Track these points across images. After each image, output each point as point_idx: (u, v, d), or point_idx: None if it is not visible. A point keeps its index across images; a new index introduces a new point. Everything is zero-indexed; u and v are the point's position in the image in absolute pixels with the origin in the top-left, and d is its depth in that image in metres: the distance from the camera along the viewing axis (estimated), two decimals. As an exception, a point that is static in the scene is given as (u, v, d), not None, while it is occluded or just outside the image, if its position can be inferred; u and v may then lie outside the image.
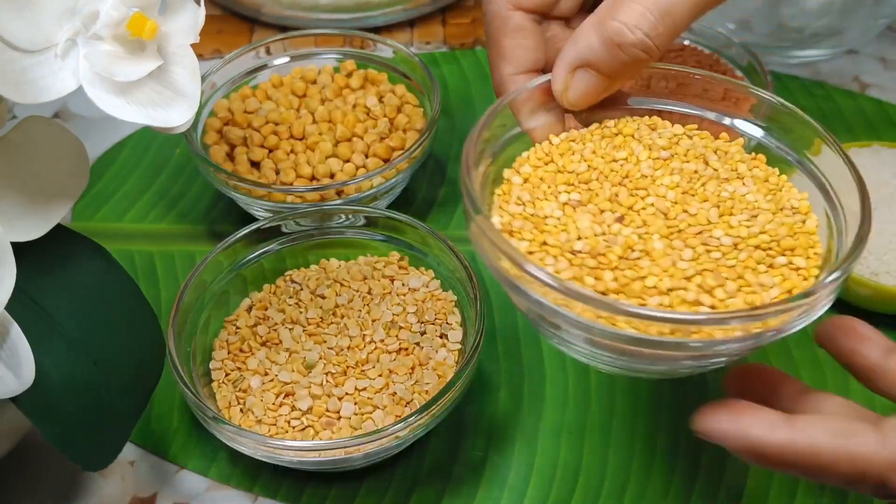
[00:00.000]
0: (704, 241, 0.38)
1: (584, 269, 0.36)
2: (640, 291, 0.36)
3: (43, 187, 0.39)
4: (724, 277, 0.37)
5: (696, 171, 0.41)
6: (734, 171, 0.42)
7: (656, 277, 0.36)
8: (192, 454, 0.49)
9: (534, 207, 0.39)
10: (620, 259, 0.37)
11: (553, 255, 0.37)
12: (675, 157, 0.42)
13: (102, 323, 0.41)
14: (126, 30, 0.37)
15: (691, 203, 0.39)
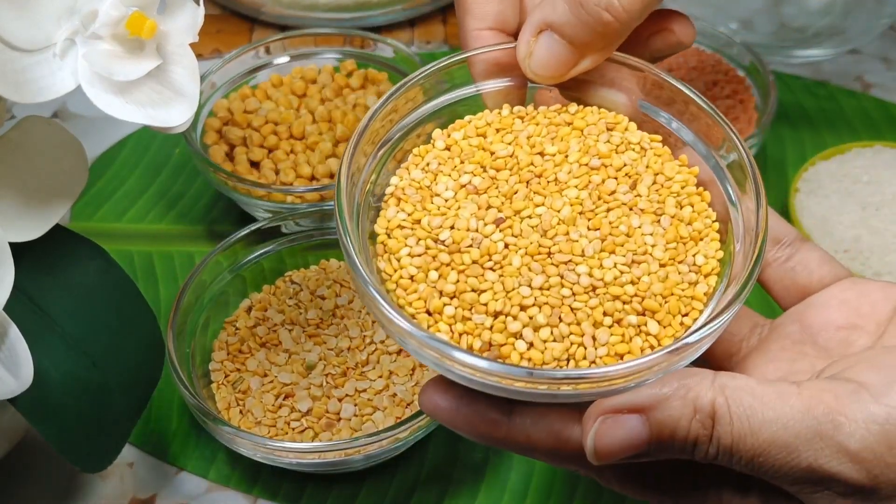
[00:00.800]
0: (563, 273, 0.34)
1: (434, 262, 0.35)
2: (471, 302, 0.34)
3: (42, 187, 0.39)
4: (556, 319, 0.34)
5: (612, 192, 0.36)
6: (658, 204, 0.37)
7: (492, 294, 0.34)
8: (191, 455, 0.49)
9: (433, 180, 0.37)
10: (473, 264, 0.35)
11: (418, 236, 0.35)
12: (604, 169, 0.37)
13: (101, 324, 0.41)
14: (125, 29, 0.36)
15: (578, 227, 0.35)
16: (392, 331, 0.34)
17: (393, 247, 0.35)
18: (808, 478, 0.31)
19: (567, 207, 0.36)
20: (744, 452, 0.32)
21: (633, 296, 0.35)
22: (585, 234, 0.36)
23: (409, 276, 0.35)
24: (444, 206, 0.36)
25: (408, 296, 0.35)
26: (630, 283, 0.35)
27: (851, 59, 0.70)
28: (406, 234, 0.36)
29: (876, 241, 0.52)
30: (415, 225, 0.36)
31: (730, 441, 0.32)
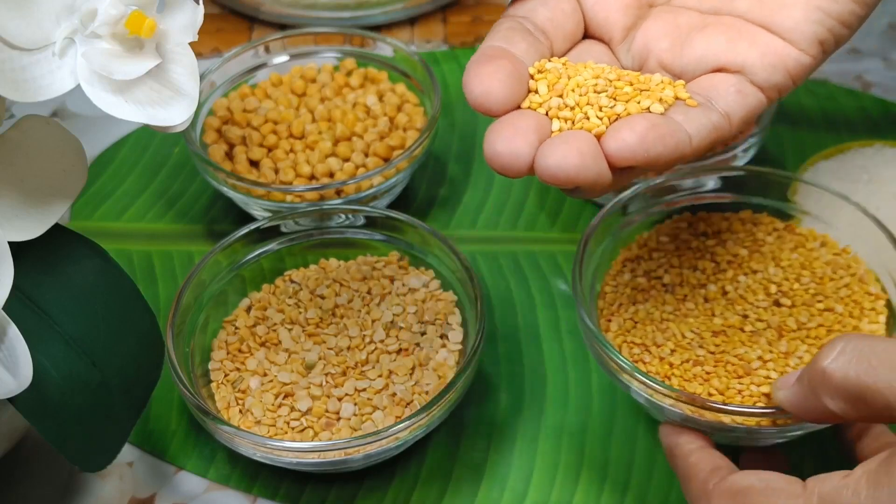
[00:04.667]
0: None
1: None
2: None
3: (41, 186, 0.39)
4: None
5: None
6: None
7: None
8: (190, 455, 0.49)
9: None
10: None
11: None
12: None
13: (101, 323, 0.41)
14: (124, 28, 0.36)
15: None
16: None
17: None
18: None
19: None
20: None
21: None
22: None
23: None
24: None
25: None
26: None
27: (852, 59, 0.69)
28: None
29: (876, 241, 0.52)
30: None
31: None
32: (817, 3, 0.40)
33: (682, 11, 0.42)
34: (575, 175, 0.35)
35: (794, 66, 0.40)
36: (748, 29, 0.40)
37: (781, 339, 0.46)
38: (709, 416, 0.42)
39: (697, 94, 0.39)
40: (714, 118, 0.38)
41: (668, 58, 0.41)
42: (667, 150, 0.36)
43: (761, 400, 0.44)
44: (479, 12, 0.72)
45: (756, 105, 0.40)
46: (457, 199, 0.60)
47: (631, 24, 0.42)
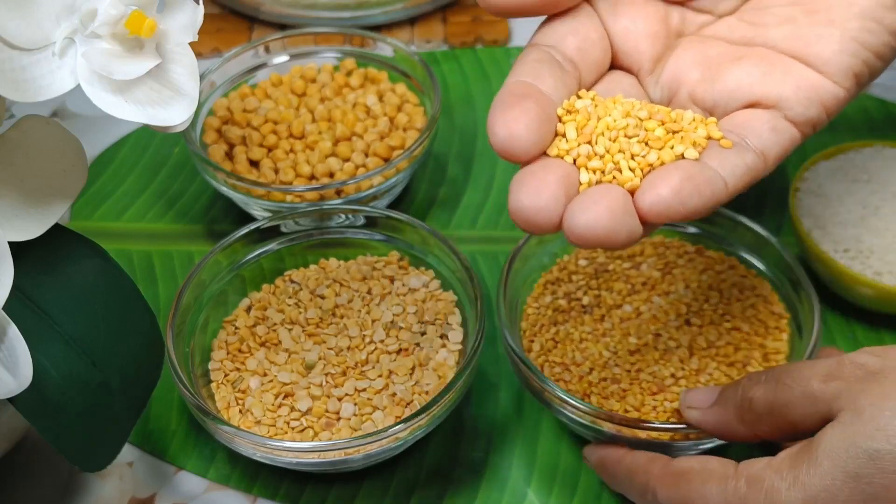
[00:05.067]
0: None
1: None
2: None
3: (41, 186, 0.39)
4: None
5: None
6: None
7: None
8: (190, 455, 0.49)
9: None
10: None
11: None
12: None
13: (101, 323, 0.41)
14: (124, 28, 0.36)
15: None
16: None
17: None
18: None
19: None
20: None
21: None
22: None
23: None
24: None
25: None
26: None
27: (851, 59, 0.69)
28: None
29: (876, 241, 0.52)
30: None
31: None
32: (853, 34, 0.38)
33: (712, 42, 0.40)
34: (605, 237, 0.33)
35: (829, 100, 0.38)
36: (782, 61, 0.39)
37: (692, 357, 0.48)
38: (626, 433, 0.44)
39: (731, 132, 0.37)
40: (749, 159, 0.37)
41: (699, 90, 0.39)
42: (703, 201, 0.35)
43: (674, 416, 0.46)
44: (479, 12, 0.72)
45: (790, 142, 0.38)
46: (457, 199, 0.60)
47: (659, 54, 0.40)
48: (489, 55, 0.68)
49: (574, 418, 0.45)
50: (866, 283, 0.50)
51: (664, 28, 0.40)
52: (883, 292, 0.50)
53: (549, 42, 0.39)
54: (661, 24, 0.40)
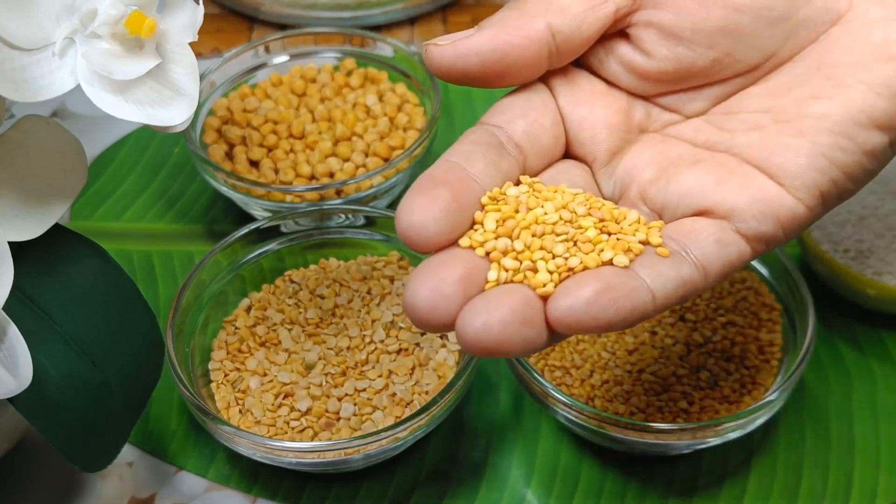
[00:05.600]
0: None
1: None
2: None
3: (41, 186, 0.39)
4: None
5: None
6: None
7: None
8: (190, 455, 0.49)
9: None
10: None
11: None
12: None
13: (101, 323, 0.41)
14: (124, 28, 0.36)
15: None
16: None
17: None
18: None
19: None
20: None
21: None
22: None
23: None
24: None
25: None
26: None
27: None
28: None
29: (876, 241, 0.52)
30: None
31: None
32: (823, 149, 0.35)
33: (673, 142, 0.37)
34: (496, 346, 0.31)
35: (786, 217, 0.35)
36: (742, 169, 0.35)
37: (690, 354, 0.48)
38: (632, 435, 0.44)
39: (673, 239, 0.34)
40: (685, 271, 0.34)
41: (651, 190, 0.36)
42: (620, 315, 0.31)
43: (680, 415, 0.46)
44: (479, 12, 0.72)
45: (737, 257, 0.35)
46: (457, 199, 0.60)
47: (617, 147, 0.37)
48: (489, 55, 0.68)
49: (578, 422, 0.45)
50: (866, 283, 0.50)
51: (625, 120, 0.38)
52: (883, 292, 0.50)
53: (496, 122, 0.37)
54: (622, 115, 0.38)
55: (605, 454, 0.49)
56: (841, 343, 0.52)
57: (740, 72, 0.37)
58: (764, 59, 0.37)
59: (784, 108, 0.36)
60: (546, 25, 0.36)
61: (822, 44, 0.36)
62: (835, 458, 0.48)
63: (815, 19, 0.36)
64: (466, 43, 0.36)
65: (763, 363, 0.48)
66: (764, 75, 0.37)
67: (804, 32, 0.37)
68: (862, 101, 0.35)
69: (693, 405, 0.46)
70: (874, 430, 0.49)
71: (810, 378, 0.51)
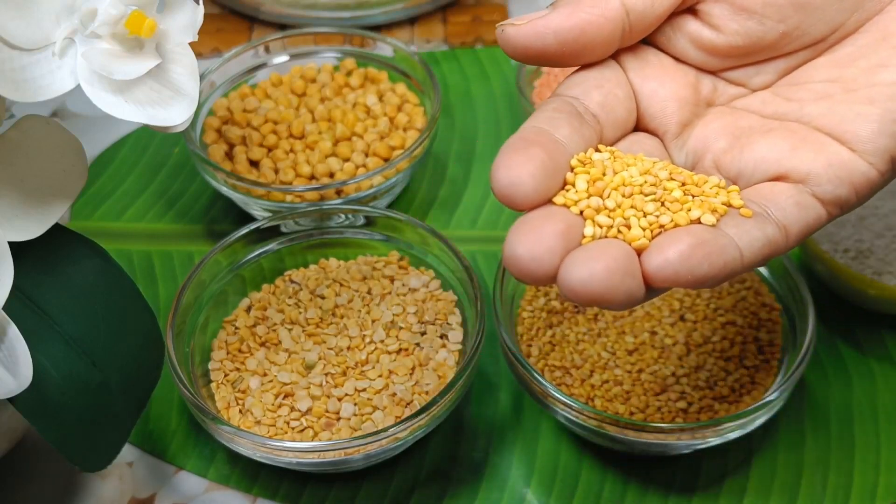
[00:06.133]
0: None
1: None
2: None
3: (41, 186, 0.39)
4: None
5: None
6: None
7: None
8: (190, 455, 0.49)
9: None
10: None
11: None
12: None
13: (101, 323, 0.41)
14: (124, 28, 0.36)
15: None
16: None
17: None
18: None
19: None
20: None
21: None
22: None
23: None
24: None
25: None
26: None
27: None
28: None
29: (876, 241, 0.52)
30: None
31: None
32: (894, 116, 0.36)
33: (743, 113, 0.38)
34: (600, 296, 0.31)
35: (860, 180, 0.36)
36: (814, 136, 0.36)
37: (690, 354, 0.48)
38: (631, 435, 0.44)
39: (753, 202, 0.35)
40: (769, 231, 0.34)
41: (726, 159, 0.37)
42: (713, 270, 0.32)
43: (679, 415, 0.46)
44: (479, 12, 0.72)
45: (815, 219, 0.36)
46: (457, 199, 0.60)
47: (686, 119, 0.39)
48: (489, 55, 0.68)
49: (578, 422, 0.45)
50: (866, 283, 0.50)
51: (693, 94, 0.39)
52: (883, 292, 0.50)
53: (572, 94, 0.37)
54: (691, 89, 0.39)
55: (605, 454, 0.49)
56: (841, 343, 0.52)
57: (808, 44, 0.38)
58: (831, 31, 0.38)
59: (852, 78, 0.37)
60: (621, 3, 0.37)
61: (888, 14, 0.37)
62: (835, 458, 0.48)
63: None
64: (544, 22, 0.36)
65: (763, 363, 0.48)
66: (830, 47, 0.38)
67: (870, 4, 0.37)
68: None
69: (692, 405, 0.46)
70: (874, 430, 0.49)
71: (810, 378, 0.51)
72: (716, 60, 0.39)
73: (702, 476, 0.48)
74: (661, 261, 0.32)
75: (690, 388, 0.47)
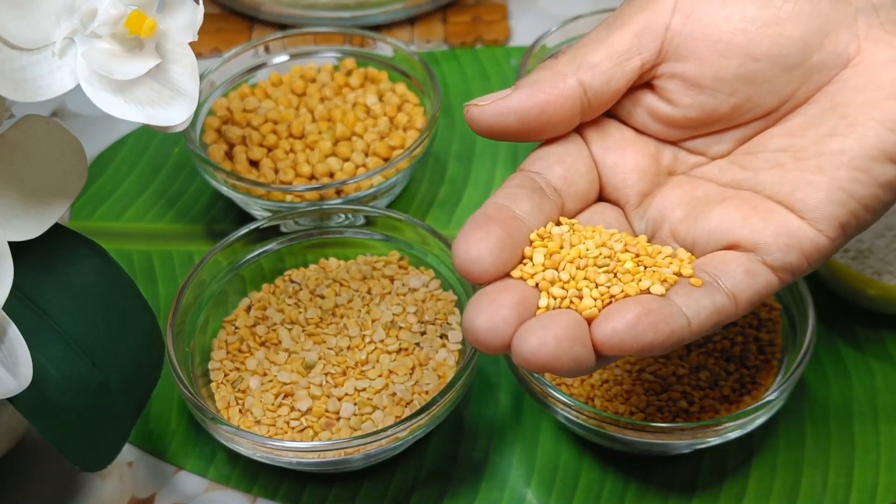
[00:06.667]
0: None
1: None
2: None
3: (41, 186, 0.39)
4: None
5: None
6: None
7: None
8: (190, 455, 0.49)
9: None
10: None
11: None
12: None
13: (101, 323, 0.41)
14: (124, 28, 0.36)
15: None
16: None
17: None
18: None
19: None
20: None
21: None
22: None
23: None
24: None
25: None
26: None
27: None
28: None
29: (876, 242, 0.52)
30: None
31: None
32: (841, 184, 0.37)
33: (700, 182, 0.40)
34: (550, 362, 0.33)
35: (809, 248, 0.37)
36: (765, 205, 0.38)
37: (690, 354, 0.48)
38: (631, 435, 0.44)
39: (705, 272, 0.37)
40: (718, 300, 0.36)
41: (681, 228, 0.39)
42: (659, 338, 0.34)
43: (681, 415, 0.46)
44: (479, 12, 0.72)
45: (765, 286, 0.37)
46: (457, 199, 0.60)
47: (647, 190, 0.40)
48: (489, 55, 0.68)
49: (578, 422, 0.45)
50: (866, 283, 0.50)
51: (654, 164, 0.40)
52: (883, 292, 0.50)
53: (535, 169, 0.39)
54: (651, 160, 0.40)
55: (605, 454, 0.49)
56: (841, 343, 0.52)
57: (760, 115, 0.39)
58: (781, 103, 0.39)
59: (803, 147, 0.38)
60: (578, 82, 0.38)
61: (836, 85, 0.38)
62: (835, 458, 0.48)
63: (827, 63, 0.38)
64: (505, 102, 0.38)
65: (763, 363, 0.48)
66: (782, 117, 0.39)
67: (818, 76, 0.38)
68: (875, 136, 0.37)
69: (693, 405, 0.46)
70: (874, 430, 0.49)
71: (810, 378, 0.51)
72: (674, 131, 0.40)
73: (702, 476, 0.48)
74: (609, 329, 0.34)
75: (691, 388, 0.47)
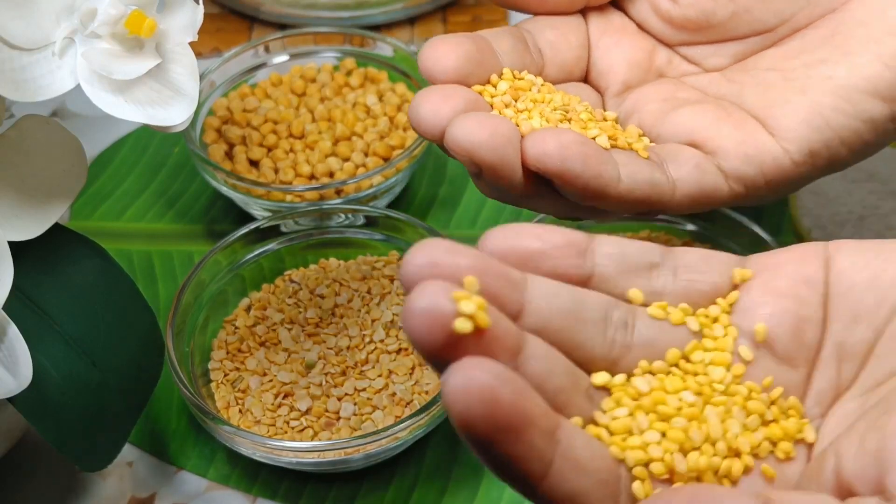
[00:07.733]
0: None
1: None
2: None
3: (40, 186, 0.39)
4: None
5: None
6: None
7: None
8: (190, 455, 0.49)
9: None
10: None
11: None
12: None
13: (101, 323, 0.41)
14: (124, 28, 0.36)
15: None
16: None
17: None
18: None
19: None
20: None
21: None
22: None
23: None
24: None
25: None
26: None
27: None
28: None
29: (876, 241, 0.52)
30: None
31: None
32: (822, 110, 0.36)
33: (685, 87, 0.40)
34: (475, 151, 0.33)
35: (770, 165, 0.36)
36: (739, 115, 0.37)
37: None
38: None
39: (656, 153, 0.36)
40: (657, 176, 0.35)
41: (649, 120, 0.39)
42: (585, 173, 0.33)
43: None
44: (479, 12, 0.72)
45: (711, 187, 0.36)
46: (457, 199, 0.60)
47: (632, 82, 0.40)
48: (489, 55, 0.68)
49: None
50: (866, 283, 0.50)
51: (646, 60, 0.40)
52: (883, 292, 0.50)
53: (527, 27, 0.40)
54: (645, 55, 0.40)
55: (604, 454, 0.49)
56: (841, 343, 0.52)
57: (758, 31, 0.39)
58: (781, 22, 0.39)
59: (792, 69, 0.38)
60: None
61: (839, 14, 0.38)
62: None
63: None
64: None
65: None
66: (781, 39, 0.39)
67: (823, 1, 0.38)
68: (869, 69, 0.36)
69: None
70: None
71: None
72: (673, 31, 0.40)
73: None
74: (538, 141, 0.33)
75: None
